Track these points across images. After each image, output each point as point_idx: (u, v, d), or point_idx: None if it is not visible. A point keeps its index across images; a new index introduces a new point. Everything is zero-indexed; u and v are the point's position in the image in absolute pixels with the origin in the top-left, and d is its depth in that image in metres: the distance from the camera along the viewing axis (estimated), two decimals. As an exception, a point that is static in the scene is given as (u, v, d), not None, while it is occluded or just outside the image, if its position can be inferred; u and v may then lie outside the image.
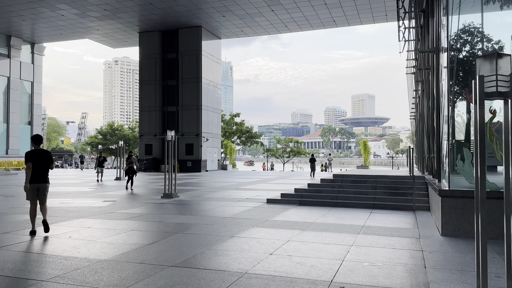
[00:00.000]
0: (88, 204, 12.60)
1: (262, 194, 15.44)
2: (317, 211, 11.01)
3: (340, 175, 13.66)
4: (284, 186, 19.57)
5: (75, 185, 20.71)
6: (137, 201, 13.43)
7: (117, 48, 44.68)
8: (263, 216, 10.09)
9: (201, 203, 12.96)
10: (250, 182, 22.72)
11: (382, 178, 13.24)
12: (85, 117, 79.91)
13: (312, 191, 13.02)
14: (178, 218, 9.86)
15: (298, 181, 23.51)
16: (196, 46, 36.94)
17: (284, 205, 12.15)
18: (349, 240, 7.23)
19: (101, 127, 62.76)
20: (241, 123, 52.01)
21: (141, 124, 39.07)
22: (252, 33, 38.23)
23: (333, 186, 13.14)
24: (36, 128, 43.12)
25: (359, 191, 12.64)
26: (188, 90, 37.15)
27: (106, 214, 10.58)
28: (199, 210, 11.22)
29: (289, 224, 8.87)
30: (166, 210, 11.25)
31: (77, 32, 38.42)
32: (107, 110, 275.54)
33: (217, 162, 39.83)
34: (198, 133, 36.49)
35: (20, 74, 41.03)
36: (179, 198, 14.22)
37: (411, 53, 27.05)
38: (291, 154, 53.67)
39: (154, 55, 38.31)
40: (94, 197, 14.65)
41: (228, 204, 12.59)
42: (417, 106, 18.24)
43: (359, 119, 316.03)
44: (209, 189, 17.89)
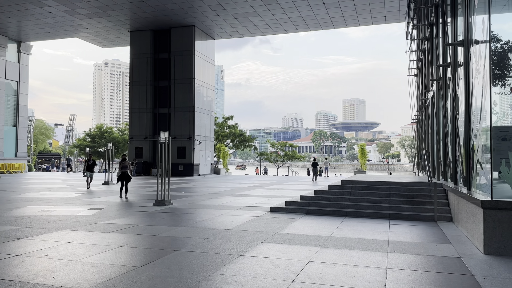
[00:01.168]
0: (71, 213, 11.30)
1: (263, 202, 14.27)
2: (329, 222, 9.87)
3: (350, 181, 12.57)
4: (284, 192, 18.44)
5: (60, 189, 19.31)
6: (126, 209, 12.16)
7: (107, 48, 43.23)
8: (270, 228, 8.92)
9: (197, 211, 11.74)
10: (247, 187, 21.53)
11: (395, 184, 12.17)
12: (73, 119, 77.82)
13: (319, 198, 11.89)
14: (174, 230, 8.64)
15: (297, 186, 22.41)
16: (189, 46, 35.72)
17: (290, 215, 10.99)
18: (380, 261, 6.09)
19: (89, 129, 60.99)
20: (234, 126, 50.80)
21: (131, 126, 37.63)
22: (247, 33, 37.15)
23: (343, 194, 12.03)
24: (21, 130, 41.44)
25: (372, 199, 11.54)
26: (181, 91, 35.88)
27: (92, 225, 9.31)
28: (197, 221, 10.00)
29: (303, 239, 7.71)
30: (159, 221, 10.01)
31: (66, 31, 36.93)
32: (97, 112, 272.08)
33: (210, 166, 38.55)
34: (190, 136, 35.20)
35: (6, 73, 39.33)
36: (173, 206, 12.98)
37: (413, 55, 26.22)
38: (285, 158, 52.58)
39: (145, 55, 36.99)
40: (79, 204, 13.33)
41: (228, 213, 11.40)
42: (425, 109, 17.30)
43: (349, 123, 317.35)
44: (204, 195, 16.66)
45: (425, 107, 17.69)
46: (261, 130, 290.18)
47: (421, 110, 21.13)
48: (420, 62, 22.74)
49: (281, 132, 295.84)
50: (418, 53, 23.95)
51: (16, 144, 40.75)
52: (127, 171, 15.35)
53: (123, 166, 15.50)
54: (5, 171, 37.99)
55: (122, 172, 15.33)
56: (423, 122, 20.56)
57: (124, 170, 15.34)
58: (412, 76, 27.09)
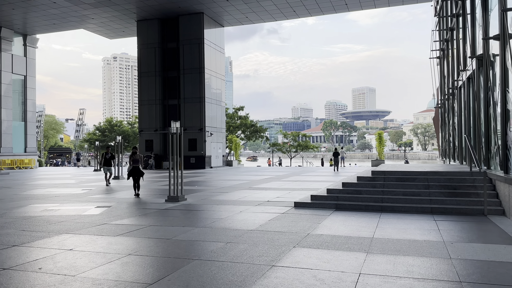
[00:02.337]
0: (76, 212, 10.30)
1: (284, 196, 13.13)
2: (365, 219, 8.69)
3: (381, 172, 11.34)
4: (303, 184, 17.27)
5: (68, 185, 18.43)
6: (136, 207, 11.12)
7: (114, 39, 42.20)
8: (299, 227, 7.78)
9: (214, 208, 10.65)
10: (262, 179, 20.42)
11: (434, 174, 10.90)
12: (82, 113, 77.42)
13: (349, 192, 10.71)
14: (190, 232, 7.55)
15: (316, 177, 21.22)
16: (198, 34, 34.48)
17: (318, 211, 9.83)
18: (448, 271, 4.92)
19: (99, 123, 60.38)
20: (245, 117, 49.60)
21: (140, 119, 36.69)
22: (257, 19, 35.74)
23: (375, 186, 10.83)
24: (30, 125, 40.82)
25: (409, 192, 10.32)
26: (190, 81, 34.74)
27: (97, 226, 8.28)
28: (215, 219, 8.91)
29: (342, 242, 6.56)
30: (173, 220, 8.93)
31: (71, 22, 35.94)
32: (107, 107, 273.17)
33: (221, 158, 37.52)
34: (201, 128, 34.14)
35: (12, 67, 38.58)
36: (187, 202, 11.92)
37: (435, 36, 24.63)
38: (298, 148, 51.23)
39: (153, 44, 35.86)
40: (86, 202, 12.35)
41: (248, 209, 10.28)
42: (458, 91, 15.89)
43: (360, 112, 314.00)
44: (219, 189, 15.59)
45: (457, 89, 16.28)
46: (270, 121, 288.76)
47: (449, 93, 19.69)
48: (445, 43, 21.23)
49: (290, 122, 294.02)
50: (441, 33, 22.41)
51: (25, 140, 40.17)
52: (139, 165, 13.79)
53: (134, 160, 13.84)
54: (15, 167, 37.47)
55: (133, 166, 13.71)
56: (450, 106, 19.14)
57: (136, 164, 13.75)
58: (434, 59, 25.56)
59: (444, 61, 22.50)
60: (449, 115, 20.66)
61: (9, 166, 36.91)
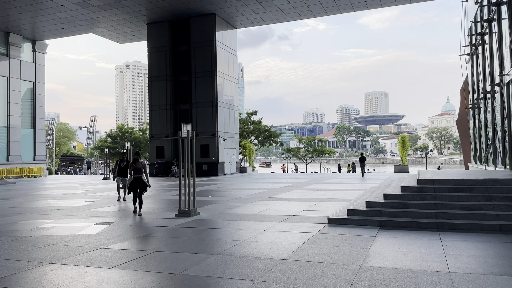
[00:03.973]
0: (71, 231, 8.76)
1: (311, 208, 11.42)
2: (423, 241, 6.94)
3: (429, 181, 9.57)
4: (328, 193, 15.52)
5: (72, 196, 16.99)
6: (141, 225, 9.53)
7: (124, 43, 41.17)
8: (345, 256, 6.07)
9: (232, 225, 8.99)
10: (281, 188, 18.72)
11: (493, 183, 9.10)
12: (94, 120, 76.77)
13: (393, 205, 8.95)
14: (205, 263, 5.90)
15: (339, 185, 19.43)
16: (209, 36, 33.10)
17: (359, 229, 8.10)
18: None
19: (110, 130, 59.44)
20: (258, 122, 47.98)
21: (151, 125, 35.37)
22: (271, 19, 34.22)
23: (424, 198, 9.05)
24: (39, 132, 39.83)
25: (467, 205, 8.53)
26: (202, 85, 33.32)
27: (90, 253, 6.69)
28: (235, 242, 7.25)
29: (413, 281, 4.83)
30: (184, 243, 7.29)
31: (80, 26, 34.93)
32: (120, 114, 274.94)
33: (235, 165, 35.91)
34: (214, 133, 32.62)
35: (21, 74, 37.71)
36: (200, 217, 10.30)
37: (463, 31, 22.74)
38: (314, 154, 49.30)
39: (164, 48, 34.61)
40: (86, 217, 10.81)
41: (272, 227, 8.61)
42: (508, 86, 14.01)
43: (373, 117, 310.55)
44: (235, 200, 13.94)
45: (505, 85, 14.39)
46: (282, 126, 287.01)
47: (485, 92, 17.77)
48: (481, 37, 19.34)
49: (302, 128, 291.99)
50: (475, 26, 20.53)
51: (34, 147, 39.17)
52: (142, 175, 11.08)
53: (136, 169, 10.97)
54: (23, 175, 36.43)
55: (135, 178, 11.00)
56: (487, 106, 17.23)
57: (138, 174, 10.99)
58: (465, 56, 23.63)
59: (478, 57, 20.61)
60: (486, 116, 18.73)
61: (18, 175, 35.88)
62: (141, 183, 11.05)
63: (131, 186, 11.12)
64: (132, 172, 11.02)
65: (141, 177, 11.03)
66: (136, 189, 11.05)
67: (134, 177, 11.02)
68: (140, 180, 11.03)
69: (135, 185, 11.05)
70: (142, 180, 11.06)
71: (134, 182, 11.06)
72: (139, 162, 11.17)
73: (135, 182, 11.05)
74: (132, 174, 11.05)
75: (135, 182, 11.04)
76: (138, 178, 11.03)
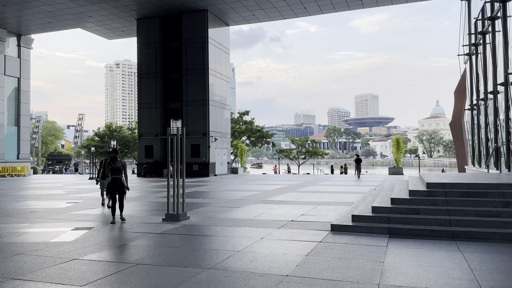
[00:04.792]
0: (45, 237, 7.82)
1: (309, 212, 10.61)
2: (440, 253, 6.16)
3: (439, 184, 8.83)
4: (326, 196, 14.73)
5: (53, 197, 15.94)
6: (124, 230, 8.62)
7: (113, 39, 39.98)
8: (357, 271, 5.26)
9: (226, 232, 8.13)
10: (275, 190, 17.90)
11: (509, 187, 8.39)
12: (82, 118, 75.07)
13: (401, 211, 8.19)
14: (195, 280, 5.04)
15: (335, 187, 18.67)
16: (201, 32, 32.18)
17: (366, 237, 7.31)
18: None
19: (98, 129, 58.00)
20: (250, 122, 47.13)
21: (140, 123, 34.28)
22: (265, 17, 33.42)
23: (435, 203, 8.30)
24: (24, 130, 38.45)
25: (483, 211, 7.80)
26: (193, 83, 32.37)
27: (63, 264, 5.79)
28: (229, 253, 6.39)
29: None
30: (171, 254, 6.41)
31: (67, 20, 33.73)
32: (109, 113, 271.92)
33: (226, 165, 35.00)
34: (205, 132, 31.69)
35: (5, 69, 36.34)
36: (190, 222, 9.42)
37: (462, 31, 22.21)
38: (306, 155, 48.59)
39: (154, 44, 33.58)
40: (64, 221, 9.86)
41: (271, 234, 7.77)
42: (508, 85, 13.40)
43: (363, 119, 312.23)
44: (228, 203, 13.08)
45: (510, 84, 13.76)
46: (273, 127, 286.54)
47: (486, 93, 17.18)
48: (481, 37, 18.77)
49: (293, 129, 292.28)
50: (477, 25, 19.97)
51: (18, 146, 37.78)
52: (121, 176, 9.60)
53: (114, 168, 9.50)
54: (6, 174, 35.07)
55: (113, 178, 9.53)
56: (488, 107, 16.64)
57: (116, 175, 9.52)
58: (463, 56, 23.09)
59: (478, 57, 20.06)
60: (487, 117, 18.15)
61: (0, 174, 34.52)
62: (120, 184, 9.60)
63: (109, 188, 9.57)
64: (110, 172, 9.52)
65: (120, 178, 9.57)
66: (115, 192, 9.58)
67: (112, 177, 9.52)
68: (120, 182, 9.58)
69: (114, 188, 9.55)
70: (121, 181, 9.60)
71: (112, 184, 9.54)
72: (118, 161, 9.65)
73: (113, 184, 9.54)
74: (109, 175, 9.56)
75: (113, 184, 9.54)
76: (117, 180, 9.56)
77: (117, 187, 9.56)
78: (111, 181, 9.56)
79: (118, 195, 9.65)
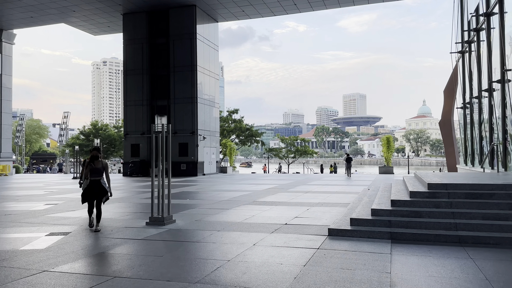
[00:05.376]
0: (15, 244, 7.08)
1: (303, 215, 10.04)
2: (450, 261, 5.64)
3: (441, 185, 8.34)
4: (319, 196, 14.18)
5: (32, 198, 15.09)
6: (104, 236, 7.92)
7: (99, 35, 38.94)
8: (366, 286, 4.68)
9: (215, 237, 7.50)
10: (266, 190, 17.31)
11: (515, 189, 7.93)
12: (67, 116, 73.45)
13: (403, 213, 7.66)
14: (180, 294, 4.40)
15: (327, 187, 18.16)
16: (189, 28, 31.39)
17: (367, 243, 6.75)
18: None
19: (83, 127, 56.66)
20: (240, 120, 46.48)
21: (126, 121, 33.35)
22: (254, 14, 32.80)
23: (438, 205, 7.80)
24: (5, 128, 37.19)
25: (490, 214, 7.31)
26: (181, 80, 31.58)
27: (30, 278, 5.09)
28: (219, 262, 5.77)
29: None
30: (153, 265, 5.76)
31: (51, 15, 32.63)
32: (96, 112, 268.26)
33: (215, 164, 34.30)
34: (193, 131, 30.95)
35: (-15, 65, 35.08)
36: (176, 225, 8.77)
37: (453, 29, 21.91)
38: (296, 154, 48.13)
39: (140, 40, 32.68)
40: (39, 224, 9.11)
41: (263, 240, 7.17)
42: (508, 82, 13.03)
43: (351, 118, 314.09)
44: (217, 204, 12.45)
45: (507, 81, 13.40)
46: (262, 126, 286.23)
47: (480, 91, 16.85)
48: (476, 34, 18.44)
49: (282, 128, 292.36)
50: (471, 21, 19.65)
51: (0, 144, 36.52)
52: (102, 178, 8.41)
53: (93, 170, 8.32)
54: (-12, 174, 33.82)
55: (92, 181, 8.33)
56: (482, 104, 16.30)
57: (96, 177, 8.34)
58: (455, 54, 22.79)
59: (472, 55, 19.74)
60: (482, 115, 17.82)
61: (-20, 173, 33.29)
62: (100, 188, 8.35)
63: (86, 192, 8.34)
64: (89, 173, 8.29)
65: (99, 181, 8.35)
66: (93, 196, 8.33)
67: (91, 180, 8.31)
68: (99, 184, 8.34)
69: (92, 191, 8.30)
70: (101, 184, 8.36)
71: (90, 187, 8.30)
72: (99, 161, 8.42)
73: (92, 187, 8.30)
74: (88, 177, 8.33)
75: (92, 187, 8.30)
76: (96, 182, 8.33)
77: (95, 190, 8.32)
78: (90, 184, 8.31)
79: (97, 201, 8.37)
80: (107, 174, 8.50)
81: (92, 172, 8.31)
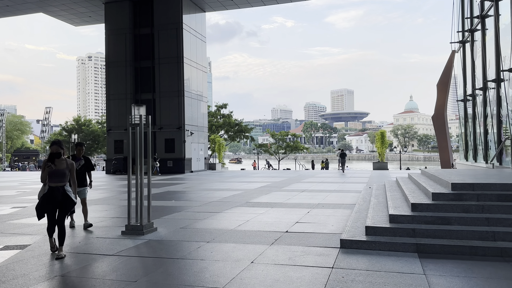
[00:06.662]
0: (-47, 264, 5.67)
1: (304, 219, 8.79)
2: (506, 286, 4.45)
3: (467, 185, 7.18)
4: (317, 196, 12.95)
5: (1, 200, 13.57)
6: (68, 251, 6.54)
7: (79, 25, 37.04)
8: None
9: (204, 252, 6.20)
10: (259, 189, 16.04)
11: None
12: (49, 112, 71.13)
13: (427, 220, 6.47)
14: None
15: (324, 185, 16.95)
16: (175, 18, 29.86)
17: (389, 258, 5.54)
18: None
19: (66, 123, 54.53)
20: (229, 115, 45.08)
21: (108, 116, 31.71)
22: (243, 3, 31.39)
23: (468, 209, 6.63)
24: (-20, 123, 35.11)
25: (532, 221, 6.15)
26: (167, 72, 30.06)
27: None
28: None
29: None
30: (123, 292, 4.44)
31: (28, 3, 30.73)
32: (81, 108, 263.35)
33: (203, 161, 32.92)
34: (180, 126, 29.49)
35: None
36: (157, 235, 7.43)
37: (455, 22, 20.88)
38: (287, 150, 46.97)
39: (123, 30, 31.00)
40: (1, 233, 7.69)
41: (263, 255, 5.90)
42: None
43: (339, 114, 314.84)
44: (206, 206, 11.13)
45: None
46: (250, 122, 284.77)
47: (485, 82, 15.82)
48: (480, 21, 17.38)
49: (270, 124, 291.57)
50: (473, 8, 18.58)
51: (-26, 140, 34.50)
52: (66, 184, 6.10)
53: (54, 172, 5.97)
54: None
55: (51, 188, 5.98)
56: (487, 97, 15.26)
57: (56, 182, 6.00)
58: (456, 44, 21.76)
59: (474, 44, 18.71)
60: (487, 108, 16.81)
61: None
62: (64, 197, 6.03)
63: (44, 203, 5.97)
64: (49, 177, 6.00)
65: (63, 187, 6.05)
66: (54, 208, 6.02)
67: (50, 186, 5.99)
68: (62, 192, 6.02)
69: (52, 201, 5.96)
70: (65, 192, 6.05)
71: (49, 196, 5.96)
72: (62, 160, 6.09)
73: (51, 196, 5.96)
74: (46, 182, 6.04)
75: (51, 195, 5.96)
76: (59, 189, 6.00)
77: (57, 200, 5.98)
78: (49, 191, 5.98)
79: (59, 213, 6.04)
80: (72, 176, 6.24)
81: (52, 175, 5.99)
